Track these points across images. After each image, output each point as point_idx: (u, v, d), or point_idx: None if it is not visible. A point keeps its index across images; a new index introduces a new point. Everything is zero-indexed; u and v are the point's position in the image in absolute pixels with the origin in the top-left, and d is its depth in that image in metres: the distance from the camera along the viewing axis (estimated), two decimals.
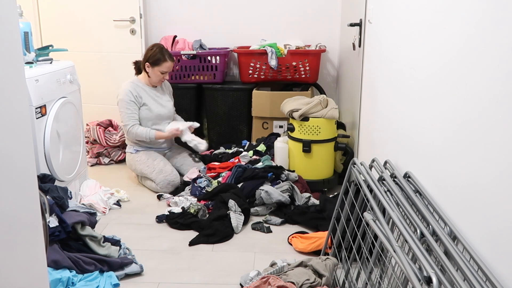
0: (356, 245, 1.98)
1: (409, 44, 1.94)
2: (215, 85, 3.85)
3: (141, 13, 3.79)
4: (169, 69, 3.31)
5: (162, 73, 3.28)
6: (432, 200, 1.59)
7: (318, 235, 2.48)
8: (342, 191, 2.19)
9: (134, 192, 3.21)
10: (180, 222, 2.72)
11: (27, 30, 2.71)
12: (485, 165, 1.26)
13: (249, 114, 3.86)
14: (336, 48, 4.05)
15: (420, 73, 1.79)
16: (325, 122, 3.05)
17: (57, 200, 2.23)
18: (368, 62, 2.73)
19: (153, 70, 3.27)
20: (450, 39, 1.52)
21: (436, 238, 1.38)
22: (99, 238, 2.30)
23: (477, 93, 1.32)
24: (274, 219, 2.78)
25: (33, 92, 2.50)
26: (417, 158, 1.80)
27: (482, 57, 1.29)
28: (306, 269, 2.04)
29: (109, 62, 3.90)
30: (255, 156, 3.36)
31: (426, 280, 1.19)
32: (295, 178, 3.04)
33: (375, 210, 1.58)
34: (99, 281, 2.09)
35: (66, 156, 2.84)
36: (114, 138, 3.79)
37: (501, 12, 1.20)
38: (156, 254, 2.43)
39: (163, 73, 3.29)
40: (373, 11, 2.60)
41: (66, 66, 2.93)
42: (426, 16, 1.75)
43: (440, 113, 1.58)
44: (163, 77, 3.32)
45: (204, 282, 2.19)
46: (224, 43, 4.06)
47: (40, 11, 3.92)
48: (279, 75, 3.79)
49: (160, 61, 3.25)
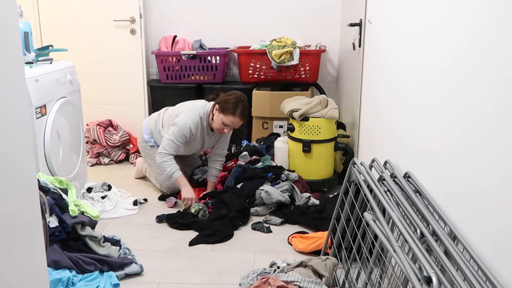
0: (356, 245, 1.98)
1: (409, 44, 1.94)
2: (215, 85, 3.85)
3: (141, 13, 3.79)
4: (233, 124, 2.94)
5: (224, 124, 2.94)
6: (432, 200, 1.59)
7: (318, 235, 2.48)
8: (342, 191, 2.19)
9: (134, 192, 3.21)
10: (180, 222, 2.72)
11: (27, 30, 2.71)
12: (485, 165, 1.26)
13: (249, 114, 3.86)
14: (336, 48, 4.05)
15: (420, 73, 1.79)
16: (325, 122, 3.05)
17: (57, 201, 2.23)
18: (368, 62, 2.73)
19: (218, 115, 2.95)
20: (451, 39, 1.52)
21: (436, 238, 1.38)
22: (99, 238, 2.30)
23: (477, 93, 1.32)
24: (274, 219, 2.78)
25: (33, 92, 2.50)
26: (417, 158, 1.80)
27: (483, 57, 1.29)
28: (306, 269, 2.03)
29: (109, 62, 3.90)
30: (255, 156, 3.36)
31: (426, 280, 1.19)
32: (295, 178, 3.04)
33: (375, 210, 1.58)
34: (99, 281, 2.09)
35: (66, 156, 2.84)
36: (114, 138, 3.79)
37: (504, 12, 1.20)
38: (156, 254, 2.43)
39: (225, 125, 2.94)
40: (373, 11, 2.60)
41: (66, 66, 2.93)
42: (426, 16, 1.75)
43: (440, 112, 1.58)
44: (223, 129, 2.96)
45: (204, 282, 2.19)
46: (224, 43, 4.06)
47: (40, 11, 3.91)
48: (279, 75, 3.79)
49: (227, 111, 2.90)
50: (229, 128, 2.97)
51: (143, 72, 3.85)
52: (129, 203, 3.00)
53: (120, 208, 2.95)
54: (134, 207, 2.96)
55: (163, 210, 2.93)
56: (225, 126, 2.94)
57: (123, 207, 2.96)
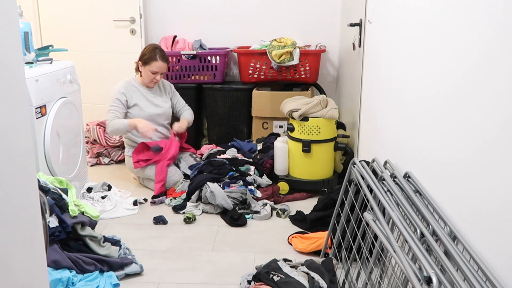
0: (356, 245, 1.98)
1: (409, 44, 1.94)
2: (215, 85, 3.85)
3: (141, 13, 3.79)
4: (160, 69, 3.22)
5: (153, 73, 3.21)
6: (432, 200, 1.59)
7: (318, 235, 2.48)
8: (342, 191, 2.19)
9: (134, 192, 3.21)
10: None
11: (27, 30, 2.71)
12: (485, 165, 1.26)
13: (249, 114, 3.86)
14: (336, 48, 4.05)
15: (420, 73, 1.79)
16: (325, 122, 3.05)
17: (57, 201, 2.23)
18: (368, 62, 2.73)
19: (144, 69, 3.23)
20: (451, 39, 1.52)
21: (436, 238, 1.39)
22: (99, 238, 2.30)
23: (477, 93, 1.32)
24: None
25: (33, 92, 2.50)
26: (417, 158, 1.80)
27: (483, 57, 1.29)
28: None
29: (109, 62, 3.90)
30: (240, 154, 3.39)
31: (426, 280, 1.19)
32: (267, 183, 3.11)
33: (375, 210, 1.58)
34: (99, 281, 2.09)
35: (66, 156, 2.84)
36: (114, 138, 3.79)
37: (507, 11, 1.20)
38: (156, 254, 2.43)
39: (154, 73, 3.21)
40: (373, 11, 2.60)
41: (66, 66, 2.93)
42: (426, 16, 1.75)
43: (440, 112, 1.58)
44: (154, 77, 3.24)
45: (204, 282, 2.19)
46: (224, 43, 4.06)
47: (40, 11, 3.92)
48: (279, 75, 3.79)
49: (150, 60, 3.19)
50: (159, 74, 3.22)
51: None
52: (129, 203, 3.00)
53: (120, 208, 2.95)
54: (134, 207, 2.96)
55: (162, 211, 2.93)
56: (154, 74, 3.20)
57: (123, 207, 2.96)
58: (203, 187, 2.91)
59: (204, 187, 2.91)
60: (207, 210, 2.89)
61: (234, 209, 2.83)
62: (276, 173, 3.22)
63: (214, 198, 2.83)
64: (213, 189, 2.85)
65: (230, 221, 2.75)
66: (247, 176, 3.08)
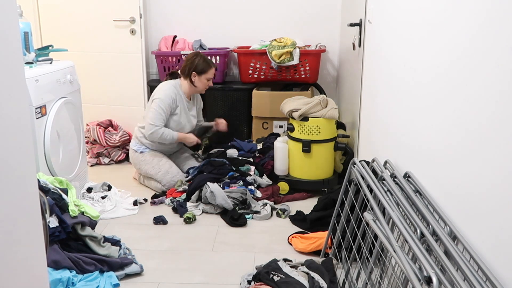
0: (356, 245, 1.98)
1: (409, 44, 1.94)
2: (215, 85, 3.85)
3: (141, 13, 3.79)
4: (213, 75, 3.35)
5: (208, 80, 3.30)
6: (432, 200, 1.59)
7: (318, 235, 2.47)
8: (342, 191, 2.19)
9: (134, 192, 3.21)
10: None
11: (27, 30, 2.71)
12: (486, 165, 1.26)
13: (249, 114, 3.86)
14: (336, 48, 4.05)
15: (420, 73, 1.79)
16: (325, 122, 3.05)
17: (57, 201, 2.23)
18: (368, 62, 2.73)
19: (199, 78, 3.26)
20: (451, 39, 1.52)
21: (436, 238, 1.39)
22: (99, 238, 2.30)
23: (477, 93, 1.32)
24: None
25: (33, 92, 2.50)
26: (417, 158, 1.80)
27: (483, 57, 1.29)
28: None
29: (109, 62, 3.90)
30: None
31: (426, 280, 1.19)
32: (267, 183, 3.10)
33: (375, 210, 1.58)
34: (99, 281, 2.09)
35: (66, 156, 2.84)
36: (114, 138, 3.79)
37: (504, 12, 1.20)
38: (156, 254, 2.43)
39: (209, 80, 3.31)
40: (373, 11, 2.60)
41: (66, 66, 2.93)
42: (426, 16, 1.75)
43: (440, 112, 1.58)
44: (208, 84, 3.33)
45: (204, 282, 2.19)
46: (224, 43, 4.06)
47: (40, 11, 3.91)
48: (279, 75, 3.79)
49: (207, 69, 3.26)
50: (211, 80, 3.34)
51: (143, 72, 3.85)
52: (129, 203, 3.00)
53: (120, 208, 2.95)
54: (134, 207, 2.96)
55: (161, 211, 2.93)
56: (208, 81, 3.31)
57: (123, 207, 2.96)
58: (203, 187, 2.91)
59: (204, 187, 2.91)
60: (207, 210, 2.89)
61: (234, 209, 2.83)
62: (276, 173, 3.22)
63: (214, 198, 2.83)
64: (213, 189, 2.85)
65: (230, 221, 2.75)
66: (247, 176, 3.08)
